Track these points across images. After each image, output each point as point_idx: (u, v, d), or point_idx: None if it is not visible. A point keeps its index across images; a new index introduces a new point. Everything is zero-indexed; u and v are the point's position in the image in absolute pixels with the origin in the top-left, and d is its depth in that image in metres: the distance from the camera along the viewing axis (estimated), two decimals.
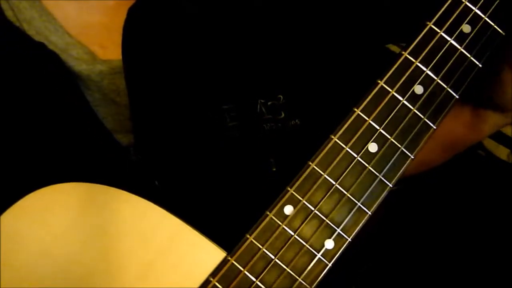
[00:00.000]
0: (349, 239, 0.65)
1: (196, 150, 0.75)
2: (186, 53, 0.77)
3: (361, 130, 0.66)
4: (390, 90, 0.67)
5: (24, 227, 0.66)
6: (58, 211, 0.66)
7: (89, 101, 0.75)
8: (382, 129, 0.66)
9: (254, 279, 0.64)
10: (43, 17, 0.77)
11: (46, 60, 0.74)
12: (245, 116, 0.76)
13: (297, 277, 0.64)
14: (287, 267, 0.65)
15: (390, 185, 0.66)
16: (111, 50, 0.77)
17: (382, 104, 0.67)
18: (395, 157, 0.66)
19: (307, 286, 0.64)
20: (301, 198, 0.66)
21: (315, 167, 0.66)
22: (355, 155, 0.66)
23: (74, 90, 0.74)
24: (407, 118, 0.67)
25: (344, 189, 0.66)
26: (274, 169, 0.75)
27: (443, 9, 0.68)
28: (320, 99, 0.81)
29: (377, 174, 0.66)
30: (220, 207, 0.74)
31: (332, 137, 0.66)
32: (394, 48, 0.93)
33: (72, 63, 0.75)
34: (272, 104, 0.78)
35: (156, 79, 0.76)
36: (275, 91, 0.78)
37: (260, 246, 0.65)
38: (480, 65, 0.68)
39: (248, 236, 0.65)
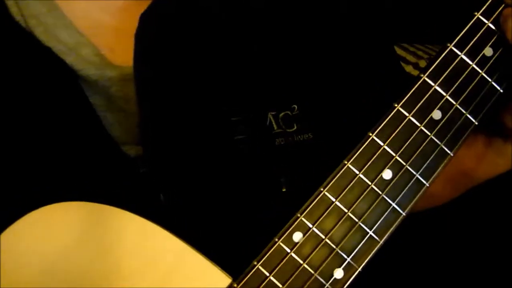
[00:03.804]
0: (359, 269, 0.63)
1: (202, 164, 0.73)
2: (196, 61, 0.74)
3: (375, 156, 0.64)
4: (407, 114, 0.64)
5: (26, 244, 0.64)
6: (61, 230, 0.64)
7: (95, 108, 0.72)
8: (398, 155, 0.64)
9: None
10: (52, 12, 0.73)
11: (51, 65, 0.71)
12: (254, 129, 0.73)
13: None
14: None
15: (404, 214, 0.64)
16: (120, 54, 0.74)
17: (398, 129, 0.64)
18: (409, 184, 0.64)
19: None
20: (311, 225, 0.63)
21: (326, 193, 0.64)
22: (369, 182, 0.64)
23: (80, 98, 0.71)
24: (423, 145, 0.64)
25: (356, 217, 0.63)
26: (284, 190, 0.73)
27: (464, 30, 0.65)
28: (334, 111, 0.78)
29: (391, 202, 0.64)
30: (226, 227, 0.71)
31: (345, 162, 0.64)
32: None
33: (80, 67, 0.72)
34: (284, 115, 0.75)
35: (166, 88, 0.73)
36: (290, 100, 0.75)
37: (267, 274, 0.63)
38: (501, 90, 0.66)
39: (255, 263, 0.63)
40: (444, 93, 0.65)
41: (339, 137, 0.76)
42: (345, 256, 0.63)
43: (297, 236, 0.63)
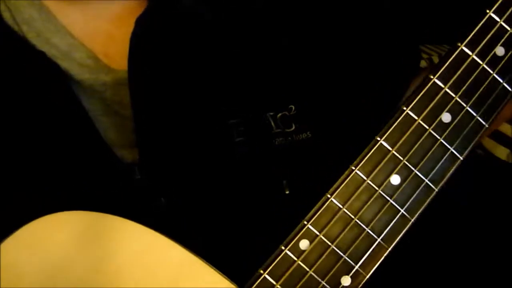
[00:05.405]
0: (367, 276, 0.62)
1: (202, 168, 0.71)
2: (192, 65, 0.72)
3: (383, 161, 0.62)
4: (416, 118, 0.63)
5: (23, 257, 0.62)
6: (59, 241, 0.63)
7: (91, 113, 0.70)
8: (406, 160, 0.62)
9: None
10: (43, 16, 0.71)
11: (44, 69, 0.69)
12: (253, 130, 0.72)
13: None
14: None
15: (412, 220, 0.62)
16: (115, 61, 0.72)
17: (407, 133, 0.62)
18: (418, 190, 0.62)
19: None
20: (318, 233, 0.62)
21: (333, 199, 0.62)
22: (376, 188, 0.62)
23: (74, 103, 0.69)
24: (433, 149, 0.63)
25: (363, 224, 0.62)
26: (287, 192, 0.71)
27: (475, 30, 0.63)
28: (332, 109, 0.76)
29: (399, 208, 0.62)
30: (230, 231, 0.70)
31: (353, 168, 0.62)
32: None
33: (74, 72, 0.70)
34: (282, 115, 0.73)
35: (162, 91, 0.71)
36: (287, 101, 0.73)
37: (274, 283, 0.62)
38: None
39: (261, 271, 0.62)
40: (454, 95, 0.63)
41: (338, 135, 0.75)
42: (353, 264, 0.62)
43: (304, 244, 0.62)
